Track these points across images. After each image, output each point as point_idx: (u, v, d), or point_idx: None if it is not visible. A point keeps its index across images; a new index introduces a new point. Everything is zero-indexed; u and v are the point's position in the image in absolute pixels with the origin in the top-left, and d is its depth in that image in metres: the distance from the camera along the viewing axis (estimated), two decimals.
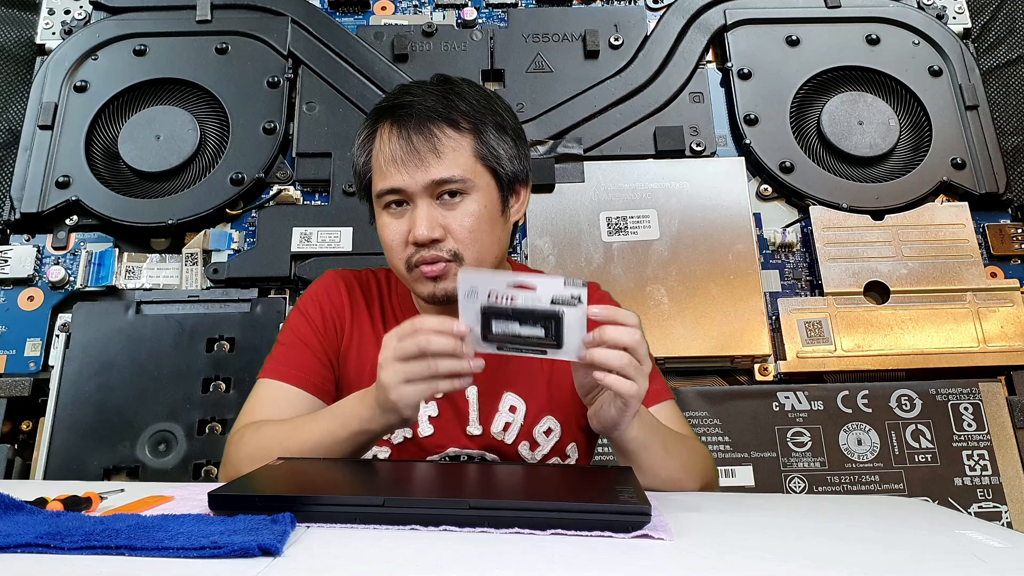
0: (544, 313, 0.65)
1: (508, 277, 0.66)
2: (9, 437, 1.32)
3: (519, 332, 0.65)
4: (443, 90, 0.84)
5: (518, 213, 0.89)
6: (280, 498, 0.54)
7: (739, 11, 1.62)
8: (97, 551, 0.43)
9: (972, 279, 1.43)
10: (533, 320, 0.65)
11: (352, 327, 0.90)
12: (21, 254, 1.43)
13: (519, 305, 0.65)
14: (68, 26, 1.60)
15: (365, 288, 0.93)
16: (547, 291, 0.65)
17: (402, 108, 0.82)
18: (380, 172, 0.82)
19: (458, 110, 0.82)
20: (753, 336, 1.37)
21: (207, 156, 1.51)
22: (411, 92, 0.84)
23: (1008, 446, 1.34)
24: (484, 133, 0.83)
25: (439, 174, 0.80)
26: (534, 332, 0.65)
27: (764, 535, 0.57)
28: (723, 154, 1.55)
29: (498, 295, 0.66)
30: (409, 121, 0.81)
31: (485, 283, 0.66)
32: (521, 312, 0.65)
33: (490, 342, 0.66)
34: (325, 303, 0.90)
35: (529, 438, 0.88)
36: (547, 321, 0.65)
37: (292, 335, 0.89)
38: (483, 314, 0.66)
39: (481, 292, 0.66)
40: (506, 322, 0.65)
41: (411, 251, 0.81)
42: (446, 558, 0.46)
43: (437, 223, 0.80)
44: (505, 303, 0.65)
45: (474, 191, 0.82)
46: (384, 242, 0.84)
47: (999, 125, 1.57)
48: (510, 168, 0.85)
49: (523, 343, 0.66)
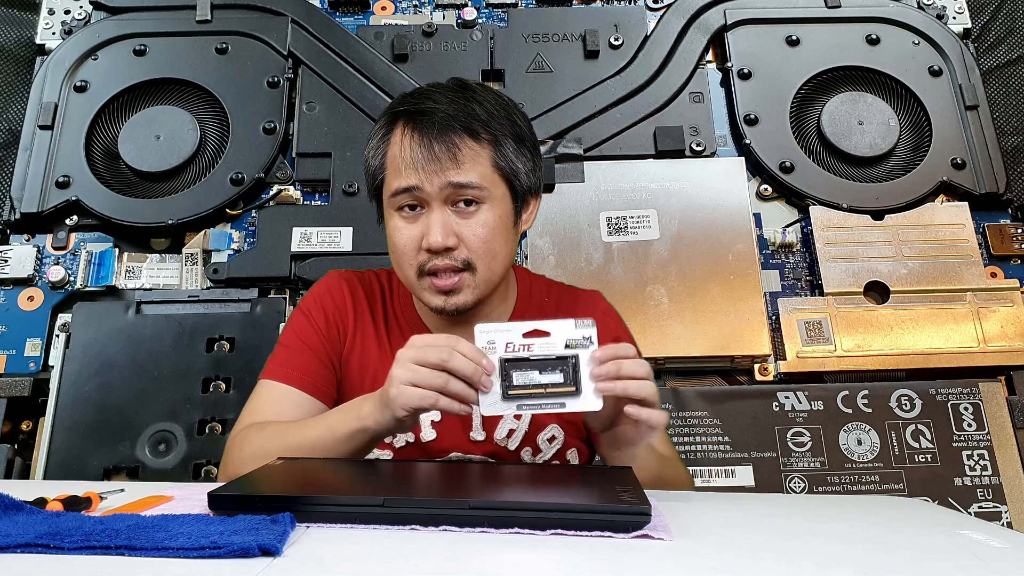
0: (561, 357, 0.66)
1: (522, 327, 0.68)
2: (9, 437, 1.32)
3: (539, 380, 0.67)
4: (463, 97, 0.83)
5: (527, 223, 0.89)
6: (280, 498, 0.54)
7: (739, 11, 1.62)
8: (97, 551, 0.43)
9: (972, 279, 1.43)
10: (551, 367, 0.67)
11: (355, 330, 0.90)
12: (21, 254, 1.42)
13: (536, 353, 0.67)
14: (68, 26, 1.60)
15: (368, 290, 0.93)
16: (561, 334, 0.67)
17: (423, 115, 0.81)
18: (396, 172, 0.82)
19: (479, 120, 0.82)
20: (753, 336, 1.37)
21: (207, 156, 1.51)
22: (431, 98, 0.83)
23: (1008, 446, 1.33)
24: (503, 144, 0.83)
25: (457, 178, 0.79)
26: (553, 379, 0.67)
27: (764, 535, 0.57)
28: (723, 154, 1.54)
29: (515, 346, 0.67)
30: (431, 129, 0.80)
31: (503, 336, 0.67)
32: (539, 360, 0.67)
33: (509, 400, 0.67)
34: (328, 305, 0.90)
35: (532, 444, 0.88)
36: (564, 365, 0.67)
37: (295, 336, 0.88)
38: (503, 366, 0.67)
39: (500, 345, 0.67)
40: (526, 372, 0.67)
41: (423, 257, 0.81)
42: (446, 558, 0.46)
43: (452, 230, 0.80)
44: (523, 352, 0.67)
45: (489, 200, 0.82)
46: (395, 246, 0.83)
47: (999, 125, 1.57)
48: (526, 181, 0.85)
49: (542, 395, 0.67)
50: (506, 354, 0.67)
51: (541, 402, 0.67)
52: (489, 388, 0.67)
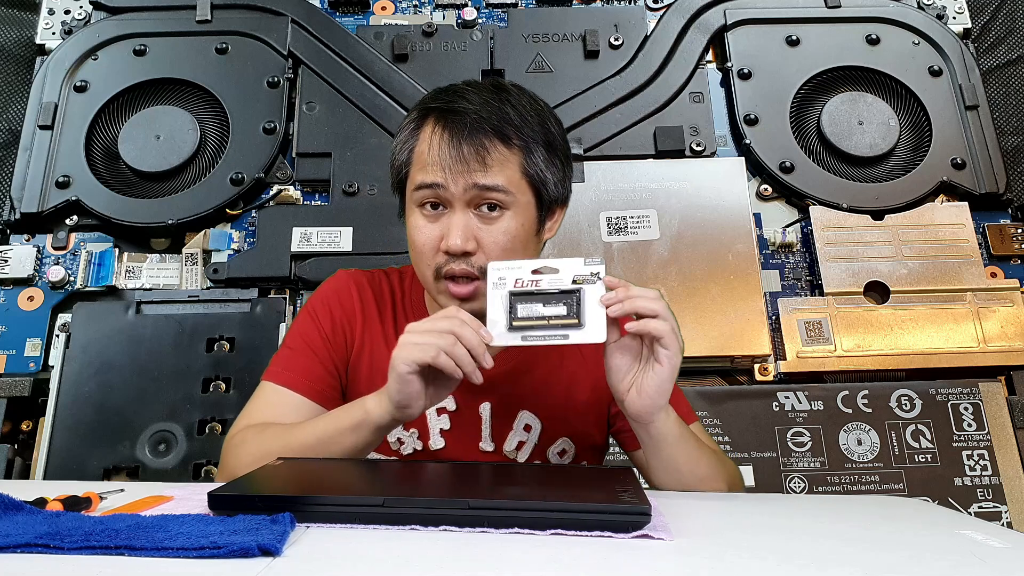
0: (565, 291, 0.69)
1: (532, 264, 0.70)
2: (9, 437, 1.32)
3: (543, 312, 0.69)
4: (498, 99, 0.81)
5: (551, 231, 0.87)
6: (280, 498, 0.54)
7: (739, 11, 1.62)
8: (97, 551, 0.43)
9: (972, 279, 1.43)
10: (556, 300, 0.69)
11: (363, 334, 0.88)
12: (21, 254, 1.42)
13: (543, 287, 0.69)
14: (68, 26, 1.60)
15: (378, 292, 0.91)
16: (569, 271, 0.70)
17: (455, 114, 0.80)
18: (422, 168, 0.80)
19: (511, 123, 0.80)
20: (753, 336, 1.37)
21: (207, 156, 1.51)
22: (465, 97, 0.81)
23: (1008, 446, 1.34)
24: (534, 151, 0.81)
25: (483, 180, 0.78)
26: (556, 311, 0.69)
27: (764, 535, 0.57)
28: (723, 154, 1.54)
29: (524, 281, 0.70)
30: (461, 129, 0.79)
31: (512, 272, 0.70)
32: (545, 293, 0.69)
33: (515, 331, 0.69)
34: (336, 309, 0.88)
35: (543, 458, 0.87)
36: (568, 298, 0.69)
37: (300, 339, 0.87)
38: (510, 299, 0.70)
39: (509, 280, 0.70)
40: (530, 304, 0.69)
41: (441, 259, 0.79)
42: (446, 558, 0.46)
43: (472, 235, 0.78)
44: (531, 287, 0.70)
45: (513, 207, 0.80)
46: (414, 244, 0.82)
47: (999, 125, 1.57)
48: (554, 191, 0.84)
49: (545, 326, 0.69)
50: (514, 288, 0.70)
51: (544, 333, 0.69)
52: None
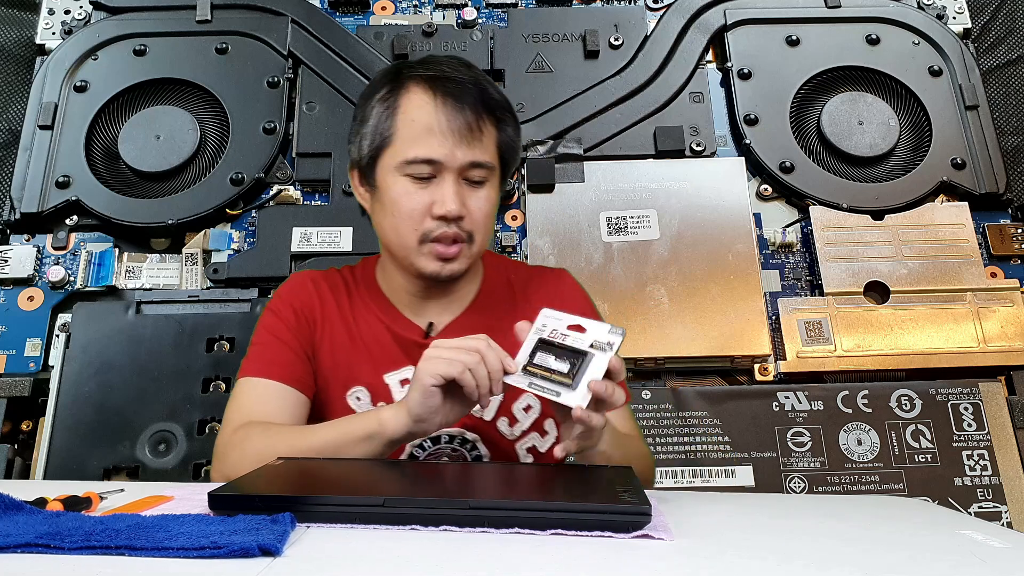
0: (577, 350, 0.70)
1: (574, 320, 0.72)
2: (9, 437, 1.32)
3: (551, 365, 0.70)
4: (474, 74, 0.86)
5: None
6: (280, 498, 0.54)
7: (739, 11, 1.62)
8: (97, 551, 0.43)
9: (972, 279, 1.43)
10: (567, 357, 0.70)
11: (323, 320, 0.91)
12: (21, 254, 1.42)
13: (566, 342, 0.71)
14: (68, 26, 1.60)
15: (332, 284, 0.95)
16: (593, 333, 0.71)
17: (448, 81, 0.82)
18: (412, 139, 0.82)
19: (493, 99, 0.85)
20: (753, 336, 1.37)
21: (207, 156, 1.51)
22: (448, 67, 0.84)
23: (1008, 446, 1.33)
24: (508, 128, 0.87)
25: (478, 157, 0.83)
26: (561, 367, 0.70)
27: (764, 535, 0.57)
28: (723, 154, 1.54)
29: (557, 333, 0.72)
30: (462, 96, 0.82)
31: (554, 322, 0.72)
32: (563, 347, 0.71)
33: (526, 374, 0.71)
34: (295, 300, 0.92)
35: (508, 414, 0.89)
36: (576, 359, 0.70)
37: (266, 333, 0.89)
38: (536, 344, 0.71)
39: (548, 328, 0.72)
40: (546, 354, 0.71)
41: (431, 225, 0.82)
42: (446, 558, 0.46)
43: (463, 201, 0.83)
44: (558, 339, 0.71)
45: (492, 178, 0.86)
46: (401, 210, 0.83)
47: (999, 125, 1.57)
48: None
49: (549, 378, 0.70)
50: (545, 336, 0.72)
51: (545, 385, 0.70)
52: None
